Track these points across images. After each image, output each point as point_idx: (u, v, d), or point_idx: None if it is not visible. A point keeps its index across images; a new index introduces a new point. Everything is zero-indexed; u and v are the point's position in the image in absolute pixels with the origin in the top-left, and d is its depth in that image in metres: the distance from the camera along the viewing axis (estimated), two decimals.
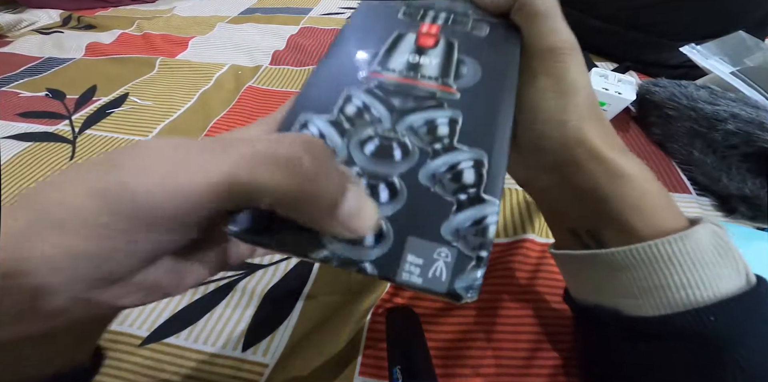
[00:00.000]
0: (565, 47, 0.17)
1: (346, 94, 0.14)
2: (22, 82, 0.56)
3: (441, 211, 0.12)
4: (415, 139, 0.13)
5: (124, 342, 0.27)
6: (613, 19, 0.57)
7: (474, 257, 0.12)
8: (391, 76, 0.15)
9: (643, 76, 0.56)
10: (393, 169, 0.13)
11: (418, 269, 0.11)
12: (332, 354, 0.26)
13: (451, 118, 0.14)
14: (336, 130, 0.13)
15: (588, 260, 0.18)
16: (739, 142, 0.34)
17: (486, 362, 0.26)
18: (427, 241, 0.12)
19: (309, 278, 0.31)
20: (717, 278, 0.16)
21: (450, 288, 0.11)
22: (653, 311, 0.17)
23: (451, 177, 0.13)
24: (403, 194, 0.13)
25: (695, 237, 0.16)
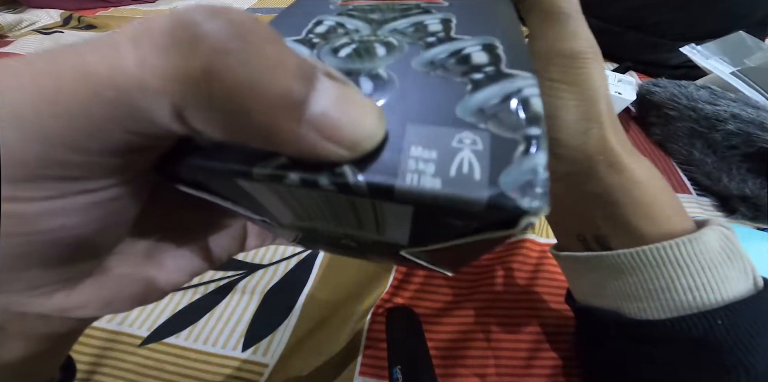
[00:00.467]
0: (587, 52, 0.15)
1: (316, 20, 0.12)
2: None
3: (451, 93, 0.08)
4: (402, 37, 0.10)
5: (124, 342, 0.27)
6: (613, 19, 0.57)
7: (520, 137, 0.07)
8: (367, 1, 0.12)
9: (643, 76, 0.56)
10: (376, 63, 0.09)
11: (432, 166, 0.07)
12: (332, 354, 0.26)
13: (442, 18, 0.11)
14: (304, 45, 0.10)
15: (593, 261, 0.18)
16: (739, 142, 0.34)
17: (486, 362, 0.26)
18: (438, 126, 0.07)
19: (309, 277, 0.31)
20: (725, 280, 0.16)
21: (494, 190, 0.06)
22: (659, 313, 0.16)
23: (455, 61, 0.09)
24: (394, 82, 0.09)
25: (704, 239, 0.16)
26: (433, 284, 0.30)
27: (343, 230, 0.10)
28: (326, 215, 0.09)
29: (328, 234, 0.11)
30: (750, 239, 0.31)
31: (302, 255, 0.32)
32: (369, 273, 0.31)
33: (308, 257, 0.32)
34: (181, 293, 0.30)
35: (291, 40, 0.11)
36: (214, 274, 0.31)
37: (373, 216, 0.09)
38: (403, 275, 0.31)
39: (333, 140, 0.06)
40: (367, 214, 0.08)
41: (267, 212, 0.10)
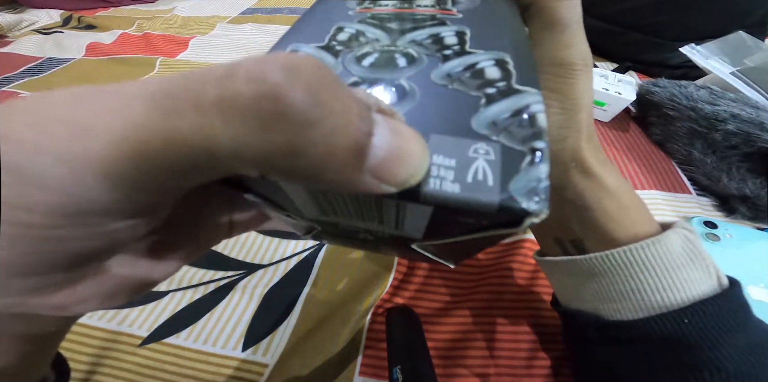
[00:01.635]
0: (579, 63, 0.16)
1: (337, 26, 0.13)
2: (22, 83, 0.56)
3: (467, 106, 0.09)
4: (421, 49, 0.11)
5: (124, 342, 0.27)
6: (613, 19, 0.57)
7: (527, 149, 0.08)
8: (385, 9, 0.13)
9: (643, 76, 0.56)
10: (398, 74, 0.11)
11: (452, 173, 0.08)
12: (332, 354, 0.26)
13: (457, 30, 0.12)
14: (328, 52, 0.11)
15: (569, 265, 0.19)
16: (739, 142, 0.34)
17: (486, 362, 0.26)
18: (457, 137, 0.08)
19: (309, 278, 0.31)
20: (689, 280, 0.17)
21: (505, 195, 0.08)
22: (631, 314, 0.17)
23: (470, 75, 0.10)
24: (415, 94, 0.10)
25: (666, 242, 0.17)
26: (433, 284, 0.30)
27: (364, 225, 0.11)
28: (352, 212, 0.10)
29: (347, 228, 0.12)
30: (750, 239, 0.32)
31: (302, 255, 0.32)
32: (369, 273, 0.31)
33: (308, 256, 0.32)
34: (181, 293, 0.30)
35: (315, 47, 0.12)
36: (214, 274, 0.31)
37: (395, 214, 0.10)
38: (403, 275, 0.31)
39: (389, 183, 0.07)
40: (390, 212, 0.09)
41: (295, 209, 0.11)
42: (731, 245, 0.31)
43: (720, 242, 0.31)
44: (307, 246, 0.33)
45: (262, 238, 0.34)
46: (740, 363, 0.16)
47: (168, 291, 0.30)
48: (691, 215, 0.34)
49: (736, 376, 0.16)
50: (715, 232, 0.32)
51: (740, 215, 0.34)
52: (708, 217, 0.34)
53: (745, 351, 0.16)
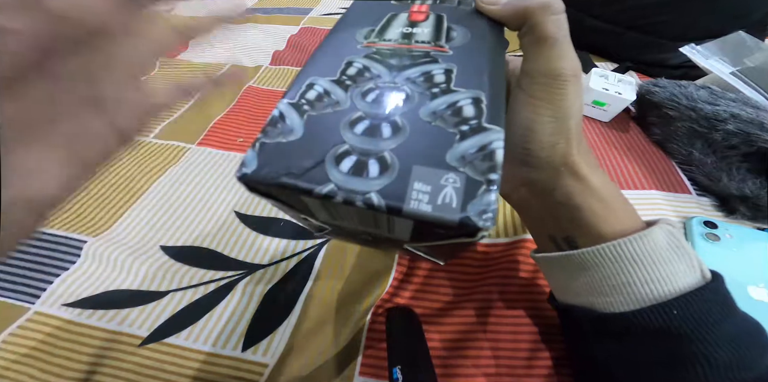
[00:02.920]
0: (568, 74, 0.17)
1: (347, 61, 0.15)
2: None
3: (444, 141, 0.12)
4: (414, 87, 0.14)
5: (124, 342, 0.27)
6: (613, 19, 0.57)
7: (484, 180, 0.11)
8: (388, 44, 0.16)
9: (643, 76, 0.56)
10: (395, 111, 0.13)
11: (427, 196, 0.11)
12: (332, 354, 0.26)
13: (446, 68, 0.14)
14: (339, 86, 0.14)
15: (563, 261, 0.20)
16: (739, 142, 0.34)
17: (486, 362, 0.26)
18: (434, 168, 0.11)
19: (309, 277, 0.31)
20: (675, 273, 0.18)
21: (463, 215, 0.10)
22: (623, 307, 0.18)
23: (451, 113, 0.13)
24: (406, 130, 0.13)
25: (652, 236, 0.18)
26: (433, 284, 0.30)
27: (364, 229, 0.14)
28: (354, 219, 0.13)
29: (351, 230, 0.15)
30: (750, 239, 0.32)
31: (302, 255, 0.32)
32: (369, 273, 0.31)
33: (308, 256, 0.32)
34: (181, 293, 0.30)
35: (329, 81, 0.14)
36: (215, 274, 0.31)
37: (386, 223, 0.12)
38: (403, 275, 0.31)
39: None
40: (383, 221, 0.12)
41: (310, 213, 0.14)
42: (731, 245, 0.31)
43: (720, 242, 0.31)
44: (307, 246, 0.33)
45: (262, 238, 0.34)
46: (728, 353, 0.16)
47: (168, 291, 0.30)
48: (691, 215, 0.34)
49: (726, 366, 0.16)
50: (715, 232, 0.32)
51: (740, 215, 0.34)
52: (708, 217, 0.34)
53: (732, 341, 0.17)
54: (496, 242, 0.33)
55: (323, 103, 0.14)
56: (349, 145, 0.12)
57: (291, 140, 0.13)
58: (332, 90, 0.14)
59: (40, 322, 0.28)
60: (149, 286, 0.30)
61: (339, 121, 0.13)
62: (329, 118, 0.13)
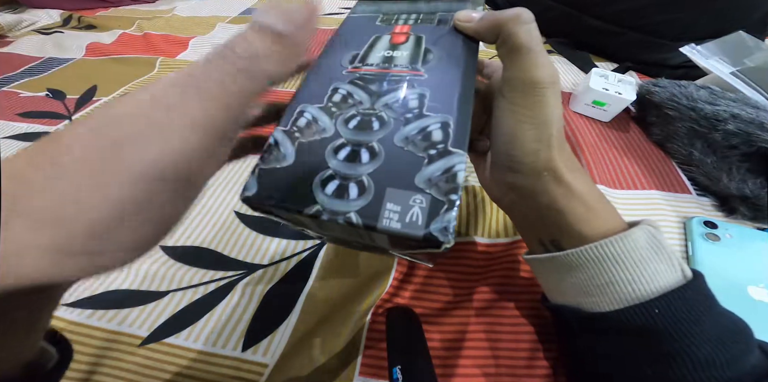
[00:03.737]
0: (545, 81, 0.18)
1: (333, 87, 0.16)
2: (22, 82, 0.56)
3: (414, 165, 0.14)
4: (391, 113, 0.15)
5: (124, 342, 0.27)
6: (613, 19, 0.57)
7: (446, 201, 0.13)
8: (370, 69, 0.17)
9: (643, 76, 0.56)
10: (372, 137, 0.15)
11: (397, 215, 0.13)
12: (332, 354, 0.26)
13: (419, 93, 0.16)
14: (325, 113, 0.16)
15: (551, 262, 0.21)
16: (739, 142, 0.34)
17: (486, 362, 0.26)
18: (404, 190, 0.13)
19: (309, 277, 0.31)
20: (655, 273, 0.18)
21: (426, 231, 0.12)
22: (608, 306, 0.19)
23: (421, 138, 0.15)
24: (382, 155, 0.14)
25: (632, 237, 0.18)
26: (433, 284, 0.30)
27: (351, 238, 0.16)
28: (340, 232, 0.15)
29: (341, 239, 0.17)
30: (750, 239, 0.32)
31: (302, 255, 0.32)
32: (369, 273, 0.31)
33: (308, 257, 0.32)
34: (181, 293, 0.30)
35: (317, 108, 0.16)
36: (215, 274, 0.31)
37: (368, 235, 0.14)
38: (403, 276, 0.31)
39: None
40: (363, 234, 0.14)
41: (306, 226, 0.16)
42: (731, 245, 0.31)
43: (720, 242, 0.31)
44: (306, 246, 0.33)
45: (262, 238, 0.34)
46: (710, 351, 0.17)
47: (168, 291, 0.30)
48: (691, 215, 0.34)
49: (707, 363, 0.16)
50: (715, 232, 0.32)
51: (740, 215, 0.34)
52: (708, 217, 0.34)
53: (714, 339, 0.17)
54: (496, 242, 0.33)
55: (312, 130, 0.15)
56: (332, 171, 0.14)
57: (285, 166, 0.15)
58: (319, 117, 0.16)
59: None
60: (149, 286, 0.30)
61: (325, 147, 0.15)
62: (317, 145, 0.15)
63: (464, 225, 0.34)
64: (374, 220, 0.13)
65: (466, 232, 0.34)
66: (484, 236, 0.33)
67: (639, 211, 0.35)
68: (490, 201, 0.36)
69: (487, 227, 0.34)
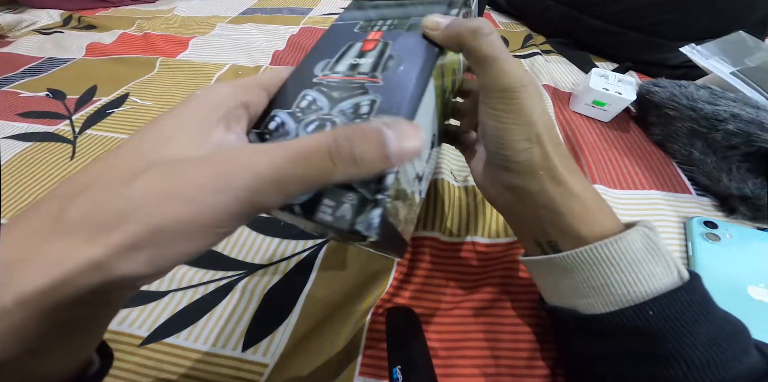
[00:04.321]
0: (516, 86, 0.18)
1: (302, 94, 0.17)
2: (22, 82, 0.56)
3: None
4: (344, 118, 0.16)
5: (124, 342, 0.27)
6: (613, 19, 0.57)
7: (372, 199, 0.14)
8: (337, 77, 0.18)
9: (643, 76, 0.56)
10: None
11: (330, 209, 0.14)
12: (332, 354, 0.26)
13: (372, 99, 0.16)
14: (292, 118, 0.17)
15: (547, 264, 0.21)
16: (739, 142, 0.34)
17: (486, 362, 0.26)
18: (340, 188, 0.14)
19: (309, 277, 0.31)
20: (651, 275, 0.18)
21: (351, 224, 0.14)
22: (603, 308, 0.19)
23: None
24: None
25: (627, 239, 0.18)
26: (433, 284, 0.30)
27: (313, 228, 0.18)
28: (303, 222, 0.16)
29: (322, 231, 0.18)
30: (750, 239, 0.32)
31: (302, 255, 0.32)
32: (369, 273, 0.31)
33: (308, 257, 0.32)
34: (181, 293, 0.30)
35: (286, 113, 0.17)
36: (215, 274, 0.31)
37: (320, 227, 0.15)
38: (403, 276, 0.31)
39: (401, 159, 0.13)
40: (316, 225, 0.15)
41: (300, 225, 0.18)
42: (731, 245, 0.31)
43: (720, 242, 0.31)
44: (307, 246, 0.33)
45: (262, 238, 0.34)
46: (704, 353, 0.17)
47: (168, 291, 0.30)
48: (691, 215, 0.34)
49: (703, 365, 0.16)
50: (715, 232, 0.32)
51: (740, 215, 0.34)
52: (708, 217, 0.34)
53: (709, 341, 0.17)
54: (497, 242, 0.33)
55: (279, 132, 0.16)
56: None
57: None
58: (287, 121, 0.17)
59: None
60: (149, 286, 0.30)
61: None
62: None
63: (464, 225, 0.34)
64: (312, 212, 0.14)
65: (465, 232, 0.34)
66: (483, 236, 0.33)
67: (639, 211, 0.35)
68: None
69: (486, 227, 0.34)
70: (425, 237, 0.33)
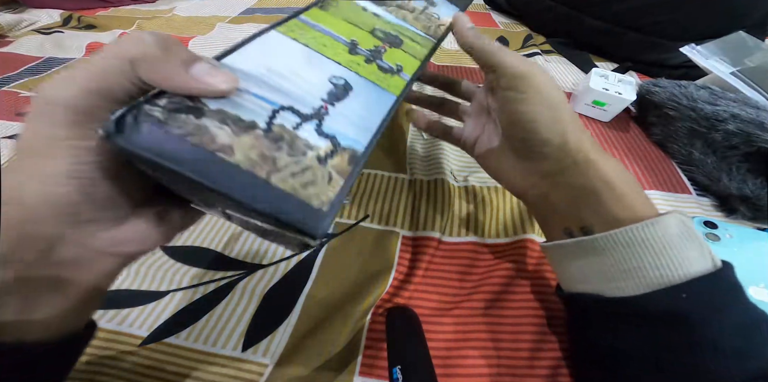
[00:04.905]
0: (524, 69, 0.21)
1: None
2: (22, 82, 0.56)
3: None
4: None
5: (124, 342, 0.27)
6: (613, 19, 0.57)
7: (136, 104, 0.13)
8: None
9: (643, 76, 0.56)
10: None
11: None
12: (332, 354, 0.26)
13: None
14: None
15: (575, 247, 0.21)
16: (739, 142, 0.34)
17: (486, 361, 0.26)
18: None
19: (309, 277, 0.31)
20: (686, 259, 0.18)
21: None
22: (632, 291, 0.18)
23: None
24: None
25: (664, 223, 0.18)
26: (433, 284, 0.30)
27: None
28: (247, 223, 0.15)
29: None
30: (750, 239, 0.32)
31: (302, 255, 0.32)
32: (369, 273, 0.31)
33: (308, 257, 0.32)
34: (181, 293, 0.30)
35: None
36: (215, 274, 0.31)
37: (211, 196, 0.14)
38: (403, 276, 0.31)
39: (198, 82, 0.14)
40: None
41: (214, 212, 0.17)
42: (731, 245, 0.31)
43: (720, 242, 0.31)
44: None
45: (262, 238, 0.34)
46: (733, 341, 0.16)
47: (168, 291, 0.30)
48: (691, 215, 0.34)
49: (730, 353, 0.16)
50: (715, 232, 0.32)
51: (740, 215, 0.34)
52: (708, 217, 0.34)
53: (738, 329, 0.17)
54: (497, 242, 0.33)
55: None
56: None
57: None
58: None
59: None
60: (149, 286, 0.30)
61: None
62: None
63: (464, 225, 0.34)
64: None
65: (465, 232, 0.34)
66: (483, 236, 0.33)
67: None
68: (489, 201, 0.36)
69: (486, 227, 0.34)
70: (425, 237, 0.33)
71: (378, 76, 0.21)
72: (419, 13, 0.28)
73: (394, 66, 0.23)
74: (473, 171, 0.40)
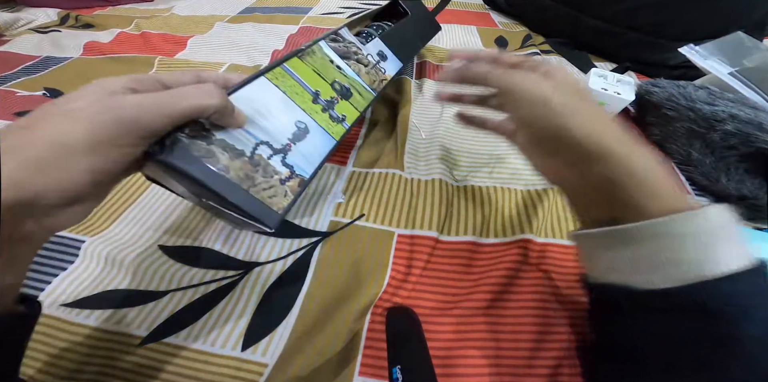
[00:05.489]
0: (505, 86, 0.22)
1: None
2: (19, 82, 0.55)
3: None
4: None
5: (123, 342, 0.27)
6: (612, 20, 0.57)
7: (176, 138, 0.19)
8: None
9: (642, 76, 0.56)
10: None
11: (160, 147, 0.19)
12: (332, 354, 0.26)
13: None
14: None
15: (607, 237, 0.20)
16: (737, 142, 0.34)
17: (486, 361, 0.26)
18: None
19: (308, 277, 0.31)
20: (723, 254, 0.17)
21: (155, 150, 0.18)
22: (665, 285, 0.18)
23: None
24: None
25: (707, 215, 0.17)
26: (433, 283, 0.30)
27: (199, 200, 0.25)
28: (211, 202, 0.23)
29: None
30: (750, 239, 0.32)
31: (298, 254, 0.32)
32: (364, 272, 0.31)
33: (304, 255, 0.32)
34: (180, 293, 0.30)
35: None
36: (215, 274, 0.31)
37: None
38: (402, 275, 0.31)
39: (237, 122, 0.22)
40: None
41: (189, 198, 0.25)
42: None
43: None
44: (302, 245, 0.33)
45: (263, 238, 0.34)
46: (760, 340, 0.16)
47: (168, 291, 0.30)
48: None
49: (760, 351, 0.16)
50: None
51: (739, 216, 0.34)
52: None
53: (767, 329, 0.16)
54: (497, 241, 0.33)
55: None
56: None
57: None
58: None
59: (39, 322, 0.28)
60: (148, 286, 0.30)
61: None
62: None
63: (463, 225, 0.34)
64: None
65: (465, 232, 0.34)
66: (483, 236, 0.33)
67: None
68: (489, 201, 0.36)
69: (486, 226, 0.34)
70: (424, 236, 0.33)
71: (328, 123, 0.28)
72: (371, 67, 0.35)
73: (341, 116, 0.30)
74: (473, 171, 0.40)
